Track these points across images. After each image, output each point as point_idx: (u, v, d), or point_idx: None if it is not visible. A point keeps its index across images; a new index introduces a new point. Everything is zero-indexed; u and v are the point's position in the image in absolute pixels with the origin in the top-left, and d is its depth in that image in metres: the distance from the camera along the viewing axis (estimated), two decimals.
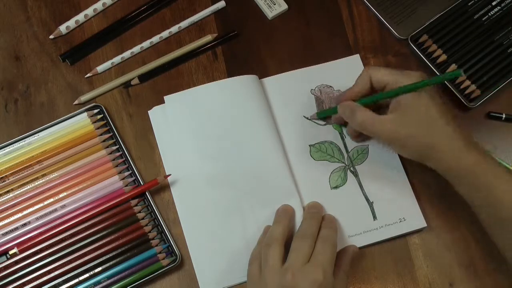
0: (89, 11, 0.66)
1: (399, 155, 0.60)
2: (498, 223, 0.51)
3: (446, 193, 0.59)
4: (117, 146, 0.60)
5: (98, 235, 0.56)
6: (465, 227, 0.59)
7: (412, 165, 0.60)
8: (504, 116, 0.63)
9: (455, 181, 0.53)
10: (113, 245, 0.56)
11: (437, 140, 0.51)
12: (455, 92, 0.63)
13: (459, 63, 0.64)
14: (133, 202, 0.58)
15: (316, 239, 0.53)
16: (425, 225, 0.58)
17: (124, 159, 0.60)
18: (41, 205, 0.57)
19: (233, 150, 0.59)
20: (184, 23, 0.66)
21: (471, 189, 0.52)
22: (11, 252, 0.56)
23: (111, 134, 0.61)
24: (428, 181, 0.60)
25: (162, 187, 0.60)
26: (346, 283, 0.54)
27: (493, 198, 0.50)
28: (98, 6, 0.67)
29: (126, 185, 0.58)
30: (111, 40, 0.66)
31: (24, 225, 0.57)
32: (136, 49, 0.65)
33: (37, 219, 0.57)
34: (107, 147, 0.60)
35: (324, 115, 0.61)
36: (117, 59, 0.65)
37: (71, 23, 0.66)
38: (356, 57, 0.65)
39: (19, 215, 0.57)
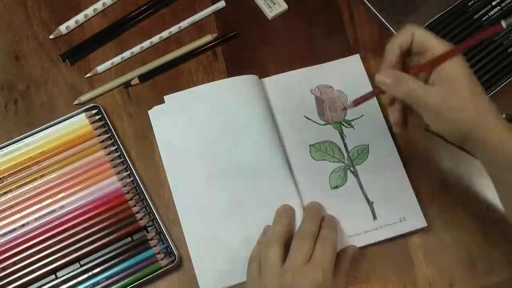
0: (89, 11, 0.67)
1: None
2: None
3: (446, 193, 0.59)
4: (116, 147, 0.60)
5: (97, 236, 0.56)
6: (465, 227, 0.58)
7: (413, 165, 0.60)
8: (504, 116, 0.63)
9: (500, 164, 0.47)
10: (112, 246, 0.56)
11: (484, 118, 0.47)
12: None
13: None
14: (132, 202, 0.58)
15: (316, 239, 0.53)
16: (425, 225, 0.58)
17: (122, 159, 0.60)
18: (39, 205, 0.57)
19: (233, 150, 0.59)
20: (184, 23, 0.66)
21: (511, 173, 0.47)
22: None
23: (110, 134, 0.61)
24: (429, 181, 0.60)
25: (162, 187, 0.60)
26: (346, 283, 0.54)
27: None
28: (98, 6, 0.67)
29: (125, 186, 0.58)
30: (111, 40, 0.66)
31: (23, 226, 0.57)
32: (136, 49, 0.65)
33: (36, 220, 0.57)
34: (106, 147, 0.60)
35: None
36: (117, 59, 0.65)
37: (71, 23, 0.66)
38: (356, 57, 0.65)
39: (18, 216, 0.57)
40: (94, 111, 0.62)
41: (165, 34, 0.66)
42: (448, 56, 0.46)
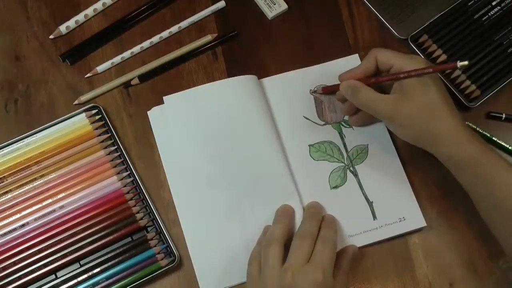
0: (89, 11, 0.67)
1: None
2: (499, 215, 0.51)
3: (446, 193, 0.59)
4: (116, 147, 0.60)
5: (97, 236, 0.56)
6: (465, 227, 0.58)
7: (412, 164, 0.60)
8: (504, 116, 0.63)
9: (455, 169, 0.53)
10: (112, 246, 0.56)
11: (439, 126, 0.52)
12: (455, 92, 0.63)
13: None
14: (132, 202, 0.58)
15: (316, 239, 0.53)
16: (425, 224, 0.58)
17: (122, 159, 0.60)
18: (39, 205, 0.57)
19: (233, 150, 0.59)
20: (184, 23, 0.66)
21: (472, 179, 0.52)
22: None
23: (110, 134, 0.61)
24: (428, 181, 0.60)
25: (162, 187, 0.60)
26: (346, 283, 0.54)
27: (494, 189, 0.50)
28: (98, 6, 0.67)
29: (125, 186, 0.58)
30: (111, 40, 0.66)
31: (23, 226, 0.57)
32: (136, 49, 0.65)
33: (36, 220, 0.57)
34: (106, 147, 0.60)
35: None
36: (117, 59, 0.65)
37: (71, 23, 0.66)
38: (355, 57, 0.65)
39: (18, 215, 0.57)
40: (94, 111, 0.62)
41: (165, 34, 0.66)
42: (397, 78, 0.53)
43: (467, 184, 0.52)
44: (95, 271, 0.55)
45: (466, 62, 0.50)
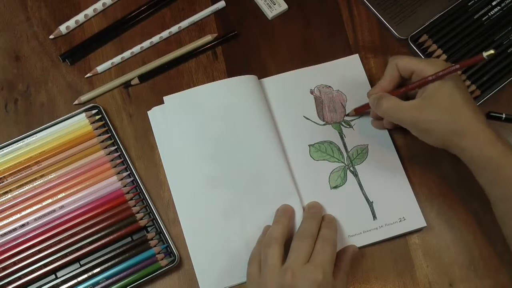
0: (89, 11, 0.67)
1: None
2: None
3: (446, 193, 0.59)
4: (116, 147, 0.60)
5: (97, 236, 0.56)
6: (465, 227, 0.58)
7: (412, 164, 0.60)
8: (504, 116, 0.63)
9: (477, 170, 0.52)
10: (112, 246, 0.56)
11: (462, 126, 0.51)
12: None
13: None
14: (132, 202, 0.58)
15: (316, 239, 0.53)
16: (425, 224, 0.58)
17: (122, 159, 0.60)
18: (39, 205, 0.57)
19: (233, 150, 0.59)
20: (184, 23, 0.66)
21: (492, 181, 0.51)
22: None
23: (110, 134, 0.61)
24: (428, 181, 0.60)
25: (162, 187, 0.60)
26: (346, 283, 0.54)
27: None
28: (98, 6, 0.67)
29: (125, 186, 0.58)
30: (111, 40, 0.66)
31: (23, 226, 0.57)
32: (136, 49, 0.65)
33: (36, 220, 0.57)
34: (106, 147, 0.60)
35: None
36: (117, 59, 0.65)
37: (71, 23, 0.66)
38: (356, 57, 0.65)
39: (18, 215, 0.57)
40: (94, 111, 0.62)
41: (165, 34, 0.66)
42: (425, 82, 0.53)
43: (487, 185, 0.52)
44: (95, 271, 0.55)
45: (492, 51, 0.49)
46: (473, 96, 0.63)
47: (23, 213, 0.57)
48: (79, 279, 0.55)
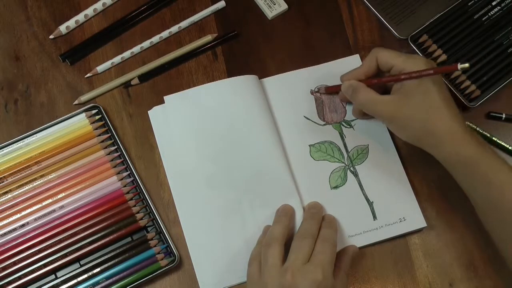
0: (89, 11, 0.66)
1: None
2: (497, 215, 0.51)
3: (446, 193, 0.59)
4: (116, 147, 0.60)
5: (97, 236, 0.56)
6: (465, 227, 0.58)
7: (412, 165, 0.60)
8: (504, 116, 0.63)
9: (453, 169, 0.52)
10: (112, 246, 0.56)
11: (437, 126, 0.51)
12: (455, 92, 0.63)
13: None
14: (132, 202, 0.58)
15: (316, 239, 0.53)
16: (425, 225, 0.58)
17: (122, 159, 0.60)
18: (39, 205, 0.57)
19: (233, 150, 0.59)
20: (184, 23, 0.66)
21: (469, 179, 0.51)
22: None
23: (110, 134, 0.61)
24: (428, 181, 0.60)
25: (162, 187, 0.60)
26: (346, 283, 0.54)
27: (492, 189, 0.50)
28: (98, 6, 0.67)
29: (125, 186, 0.58)
30: (111, 40, 0.66)
31: (23, 226, 0.57)
32: (136, 49, 0.65)
33: (36, 220, 0.57)
34: (106, 147, 0.60)
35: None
36: (117, 59, 0.65)
37: (71, 23, 0.66)
38: (356, 57, 0.65)
39: (18, 215, 0.57)
40: (94, 111, 0.62)
41: (165, 34, 0.66)
42: (398, 79, 0.53)
43: (465, 185, 0.52)
44: (95, 271, 0.55)
45: (467, 65, 0.50)
46: (473, 96, 0.63)
47: (23, 213, 0.57)
48: (79, 279, 0.55)
